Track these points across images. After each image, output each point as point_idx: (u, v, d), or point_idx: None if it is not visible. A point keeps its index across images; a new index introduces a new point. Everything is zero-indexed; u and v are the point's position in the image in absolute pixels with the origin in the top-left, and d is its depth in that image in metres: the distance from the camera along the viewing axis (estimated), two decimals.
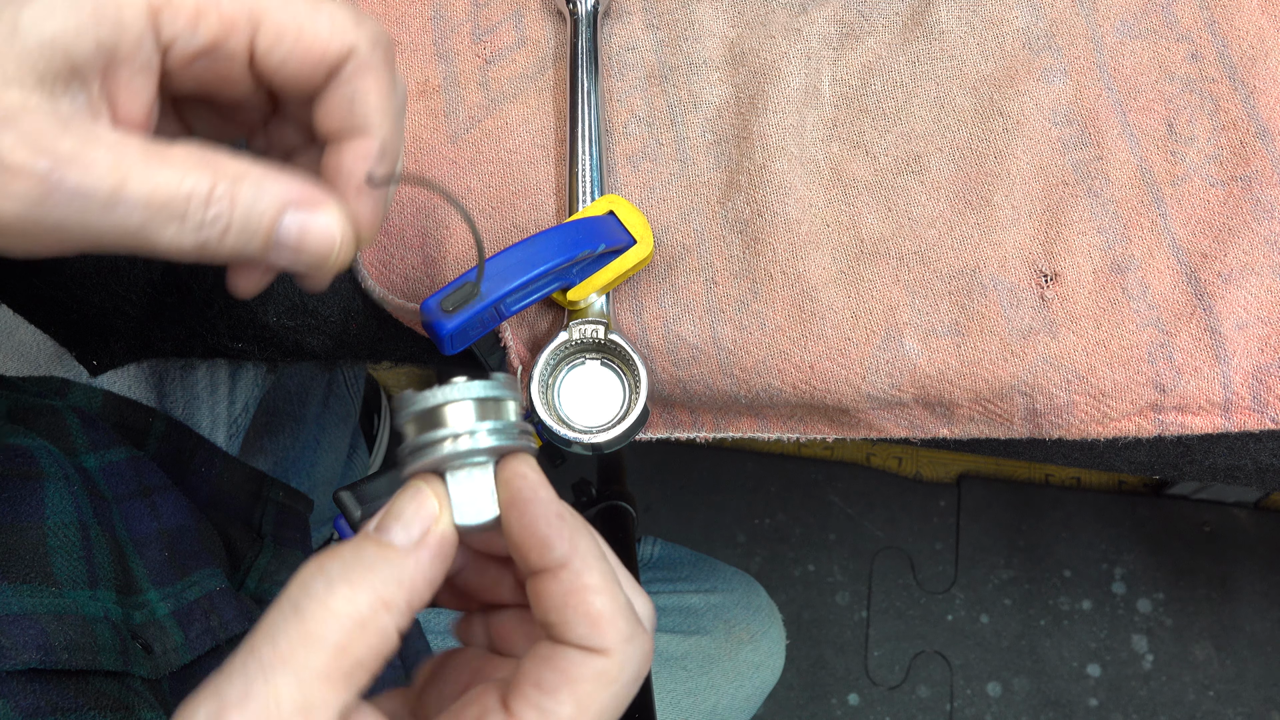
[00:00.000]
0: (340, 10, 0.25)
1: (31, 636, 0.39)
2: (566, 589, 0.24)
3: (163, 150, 0.24)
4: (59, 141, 0.22)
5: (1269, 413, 0.41)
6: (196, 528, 0.53)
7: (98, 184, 0.23)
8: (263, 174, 0.25)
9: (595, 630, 0.24)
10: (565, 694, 0.23)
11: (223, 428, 0.66)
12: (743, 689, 0.73)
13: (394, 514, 0.24)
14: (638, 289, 0.43)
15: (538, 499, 0.25)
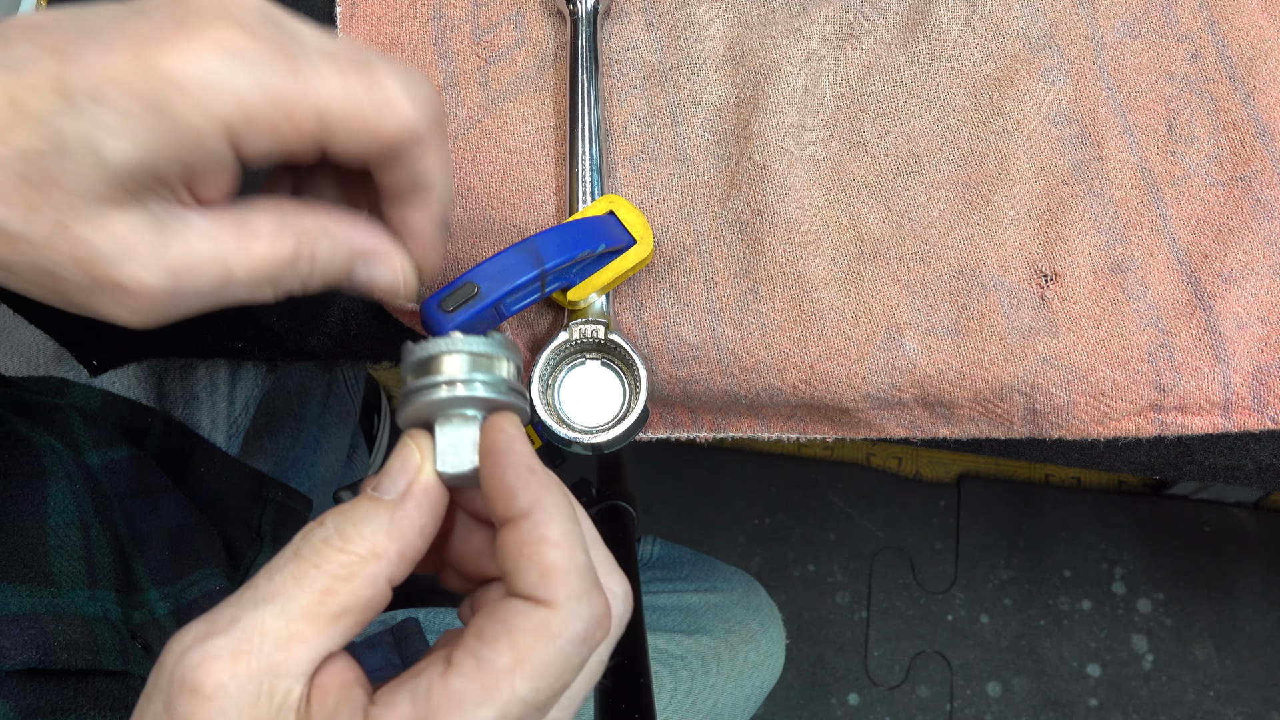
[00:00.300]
0: (398, 93, 0.26)
1: (31, 636, 0.39)
2: (524, 538, 0.25)
3: (249, 222, 0.26)
4: (171, 256, 0.25)
5: (1269, 413, 0.41)
6: (197, 527, 0.53)
7: (209, 284, 0.26)
8: (336, 228, 0.28)
9: (544, 581, 0.24)
10: (504, 644, 0.23)
11: (223, 428, 0.66)
12: (743, 688, 0.73)
13: (385, 471, 0.26)
14: (638, 289, 0.43)
15: (511, 451, 0.26)
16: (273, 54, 0.24)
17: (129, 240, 0.24)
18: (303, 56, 0.25)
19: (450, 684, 0.23)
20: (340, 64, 0.25)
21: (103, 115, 0.23)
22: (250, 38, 0.24)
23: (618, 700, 0.46)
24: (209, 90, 0.23)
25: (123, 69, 0.23)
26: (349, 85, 0.25)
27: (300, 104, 0.24)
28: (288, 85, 0.24)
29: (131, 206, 0.25)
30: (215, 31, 0.24)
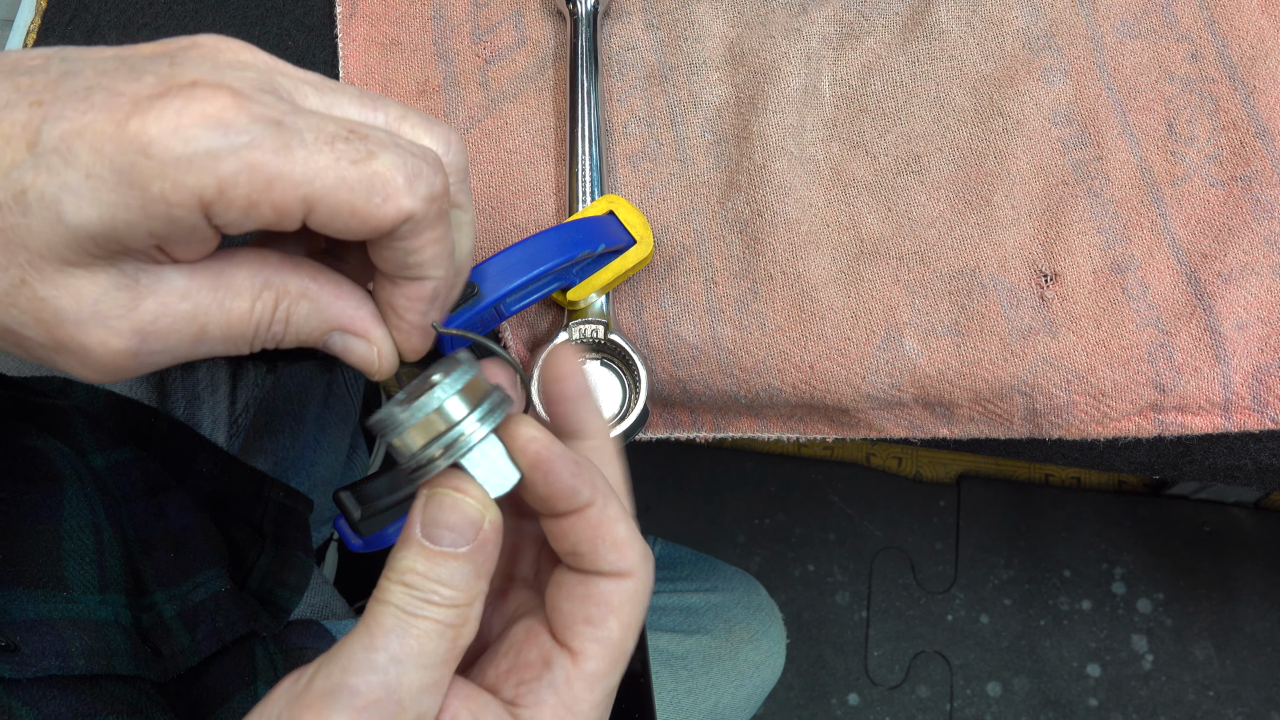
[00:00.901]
0: (394, 179, 0.24)
1: (49, 643, 0.39)
2: (594, 524, 0.27)
3: (230, 279, 0.25)
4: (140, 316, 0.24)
5: (1269, 413, 0.41)
6: (200, 528, 0.53)
7: (180, 342, 0.25)
8: (319, 294, 0.27)
9: (621, 555, 0.27)
10: (613, 621, 0.27)
11: (223, 428, 0.66)
12: (743, 688, 0.73)
13: (445, 525, 0.26)
14: (638, 289, 0.43)
15: (555, 455, 0.27)
16: (263, 128, 0.22)
17: (95, 301, 0.23)
18: (295, 132, 0.23)
19: (585, 669, 0.26)
20: (335, 142, 0.23)
21: (68, 175, 0.22)
22: (240, 108, 0.22)
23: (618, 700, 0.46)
24: (185, 164, 0.22)
25: (98, 129, 0.22)
26: (340, 169, 0.23)
27: (284, 185, 0.23)
28: (273, 165, 0.22)
29: (99, 266, 0.23)
30: (203, 99, 0.22)
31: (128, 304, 0.24)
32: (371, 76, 0.48)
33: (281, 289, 0.26)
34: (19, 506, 0.42)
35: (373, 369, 0.28)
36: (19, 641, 0.38)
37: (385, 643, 0.25)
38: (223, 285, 0.25)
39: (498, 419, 0.27)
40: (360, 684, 0.24)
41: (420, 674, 0.25)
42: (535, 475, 0.27)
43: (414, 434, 0.26)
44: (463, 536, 0.26)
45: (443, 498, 0.26)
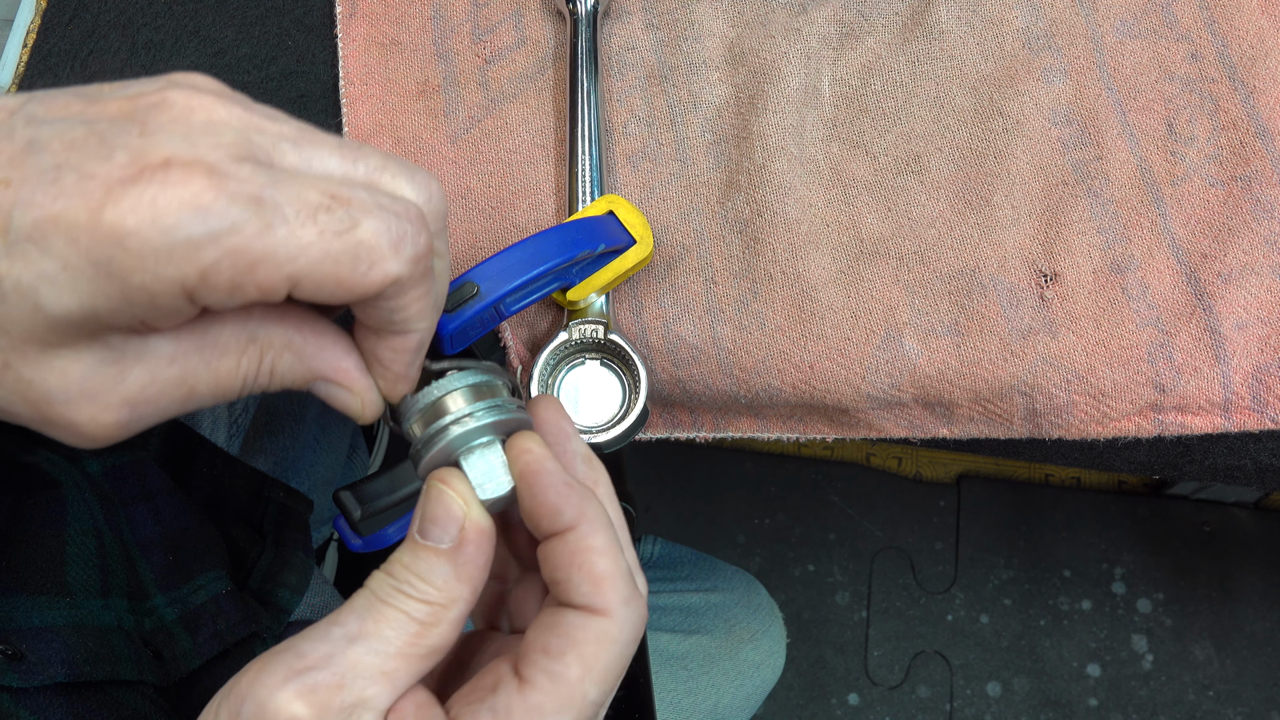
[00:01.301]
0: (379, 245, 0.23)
1: (55, 650, 0.39)
2: (573, 549, 0.26)
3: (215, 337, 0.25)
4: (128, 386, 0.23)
5: (1269, 413, 0.41)
6: (199, 530, 0.53)
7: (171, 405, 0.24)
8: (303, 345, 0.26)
9: (596, 590, 0.26)
10: (572, 656, 0.25)
11: (223, 428, 0.66)
12: (743, 688, 0.73)
13: (426, 518, 0.26)
14: (638, 289, 0.43)
15: (545, 469, 0.27)
16: (242, 209, 0.21)
17: (82, 380, 0.23)
18: (276, 208, 0.22)
19: (529, 699, 0.25)
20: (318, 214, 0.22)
21: (44, 264, 0.21)
22: (218, 189, 0.21)
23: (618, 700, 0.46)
24: (165, 256, 0.21)
25: (72, 219, 0.21)
26: (325, 243, 0.22)
27: (268, 266, 0.22)
28: (256, 248, 0.22)
29: (82, 345, 0.23)
30: (179, 182, 0.21)
31: (115, 377, 0.23)
32: (371, 76, 0.48)
33: (266, 343, 0.25)
34: (21, 512, 0.42)
35: (358, 416, 0.28)
36: (25, 649, 0.38)
37: (346, 619, 0.25)
38: (208, 345, 0.25)
39: (505, 427, 0.27)
40: (307, 649, 0.24)
41: (371, 658, 0.24)
42: (523, 486, 0.27)
43: (418, 423, 0.27)
44: (445, 532, 0.26)
45: (431, 490, 0.27)
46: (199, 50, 0.50)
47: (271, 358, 0.26)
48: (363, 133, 0.47)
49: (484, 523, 0.27)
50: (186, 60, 0.50)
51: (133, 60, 0.50)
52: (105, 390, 0.23)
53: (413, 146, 0.46)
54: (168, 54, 0.50)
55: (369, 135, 0.47)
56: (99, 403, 0.23)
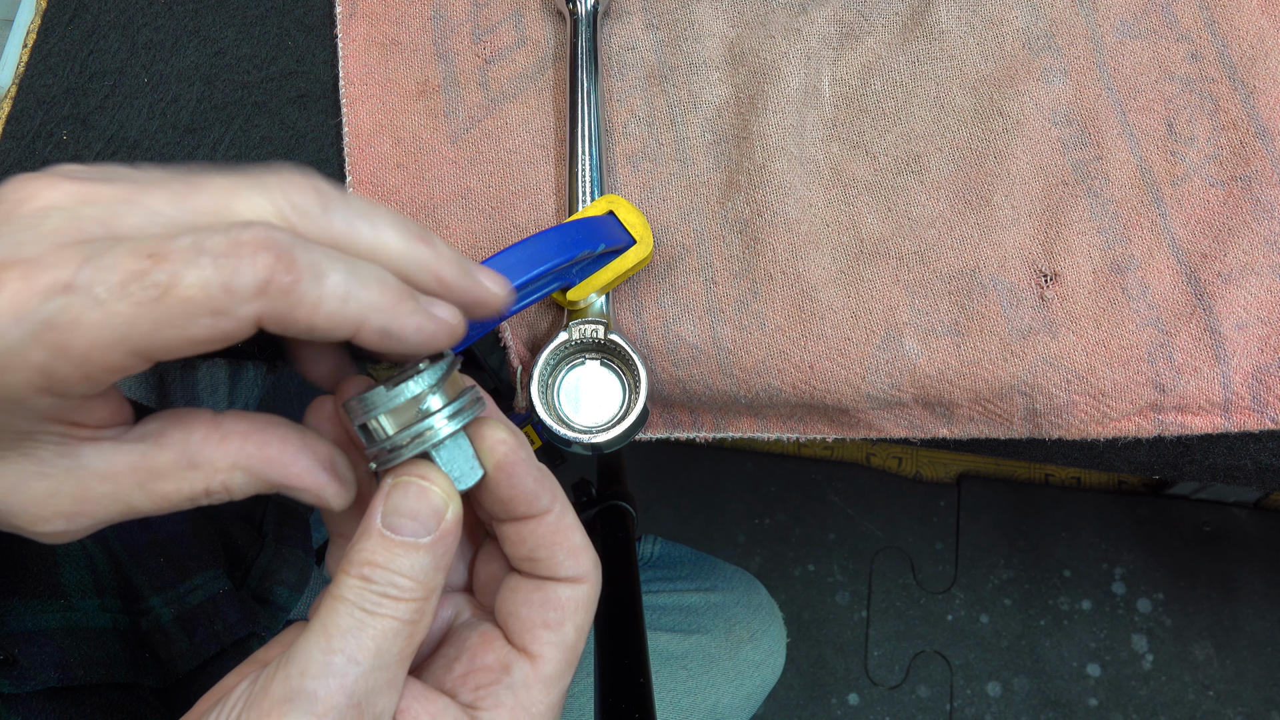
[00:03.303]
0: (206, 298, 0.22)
1: (48, 654, 0.39)
2: (553, 530, 0.28)
3: (152, 459, 0.25)
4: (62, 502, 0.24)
5: (1269, 413, 0.41)
6: (193, 531, 0.53)
7: (110, 514, 0.25)
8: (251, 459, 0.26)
9: (577, 562, 0.28)
10: (570, 625, 0.28)
11: None
12: (743, 688, 0.73)
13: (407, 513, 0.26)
14: (638, 289, 0.43)
15: (520, 460, 0.28)
16: (55, 302, 0.21)
17: (12, 491, 0.23)
18: (86, 291, 0.21)
19: (543, 670, 0.27)
20: (129, 285, 0.21)
21: None
22: (29, 287, 0.21)
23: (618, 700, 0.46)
24: (3, 362, 0.21)
25: None
26: (145, 311, 0.21)
27: (100, 351, 0.21)
28: (77, 340, 0.21)
29: (7, 460, 0.23)
30: (3, 284, 0.21)
31: (46, 491, 0.24)
32: (371, 76, 0.48)
33: (210, 467, 0.25)
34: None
35: (328, 507, 0.28)
36: (18, 655, 0.38)
37: (342, 644, 0.24)
38: (144, 468, 0.25)
39: (470, 416, 0.27)
40: (319, 688, 0.24)
41: (377, 674, 0.25)
42: (500, 476, 0.28)
43: (389, 419, 0.26)
44: (425, 526, 0.26)
45: (408, 485, 0.26)
46: (199, 50, 0.50)
47: (222, 479, 0.26)
48: (363, 133, 0.47)
49: (461, 512, 0.27)
50: (187, 60, 0.50)
51: (133, 60, 0.50)
52: (39, 504, 0.24)
53: (413, 146, 0.46)
54: (168, 54, 0.50)
55: (369, 135, 0.47)
56: (35, 513, 0.24)
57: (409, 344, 0.25)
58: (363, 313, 0.24)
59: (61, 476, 0.24)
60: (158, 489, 0.25)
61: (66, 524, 0.24)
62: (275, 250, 0.22)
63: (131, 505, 0.25)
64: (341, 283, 0.23)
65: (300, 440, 0.27)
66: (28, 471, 0.24)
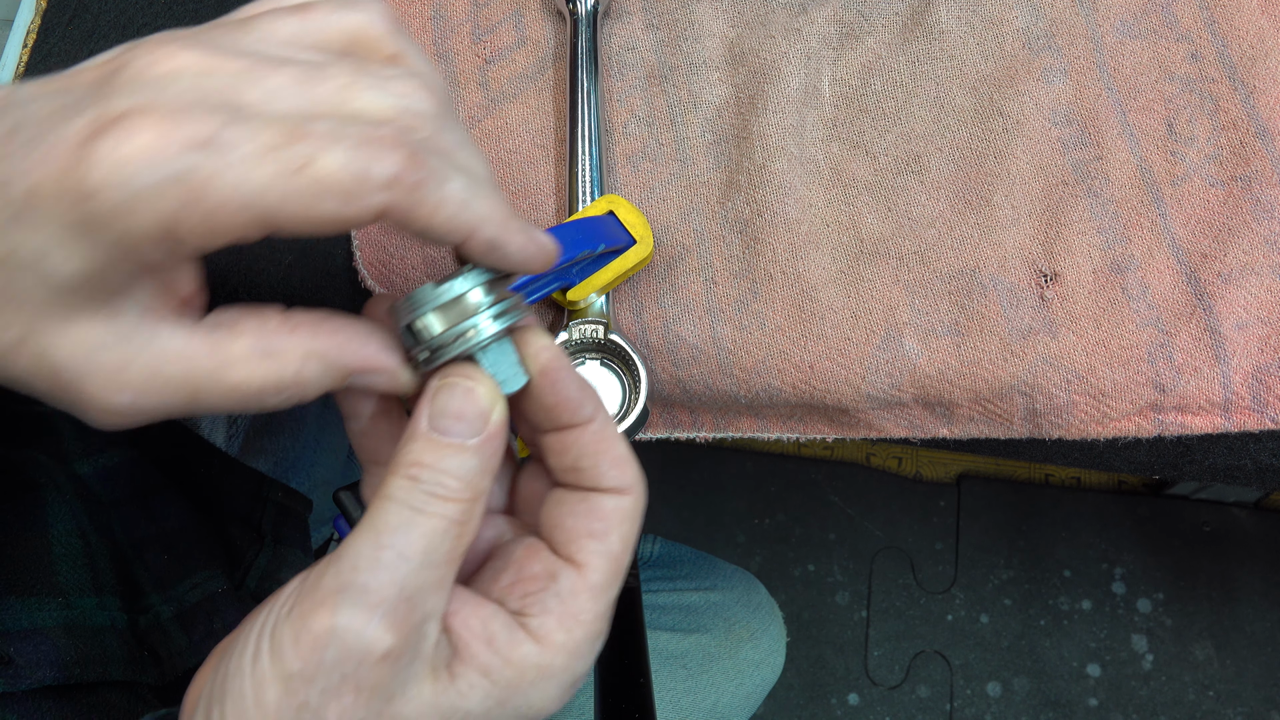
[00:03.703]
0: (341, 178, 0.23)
1: (44, 653, 0.39)
2: (596, 438, 0.29)
3: (226, 346, 0.25)
4: (132, 373, 0.24)
5: (1269, 413, 0.41)
6: (194, 529, 0.53)
7: (174, 400, 0.25)
8: (325, 348, 0.26)
9: (621, 472, 0.29)
10: (615, 535, 0.28)
11: (222, 428, 0.66)
12: (743, 687, 0.73)
13: (454, 414, 0.26)
14: (638, 289, 0.43)
15: (564, 367, 0.28)
16: (194, 154, 0.22)
17: (89, 357, 0.24)
18: (229, 149, 0.22)
19: (589, 579, 0.28)
20: (271, 152, 0.22)
21: (39, 234, 0.22)
22: (170, 131, 0.22)
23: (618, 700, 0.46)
24: (128, 209, 0.21)
25: (49, 182, 0.22)
26: (282, 182, 0.22)
27: (230, 209, 0.22)
28: (213, 193, 0.22)
29: (95, 318, 0.23)
30: (131, 133, 0.21)
31: (120, 362, 0.24)
32: None
33: (284, 356, 0.26)
34: (2, 516, 0.42)
35: (397, 392, 0.29)
36: (13, 653, 0.38)
37: (392, 540, 0.25)
38: (218, 351, 0.25)
39: (514, 319, 0.28)
40: (371, 581, 0.24)
41: (427, 572, 0.25)
42: (544, 382, 0.28)
43: (436, 316, 0.27)
44: (472, 428, 0.26)
45: (455, 387, 0.27)
46: None
47: (295, 369, 0.26)
48: None
49: (506, 415, 0.28)
50: None
51: None
52: (111, 372, 0.24)
53: None
54: None
55: None
56: (103, 383, 0.24)
57: (511, 259, 0.26)
58: (476, 221, 0.25)
59: (137, 349, 0.24)
60: (228, 377, 0.25)
61: (134, 398, 0.24)
62: (408, 149, 0.23)
63: (198, 393, 0.25)
64: (461, 190, 0.24)
65: (366, 327, 0.28)
66: (105, 338, 0.24)
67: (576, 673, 0.28)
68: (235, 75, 0.24)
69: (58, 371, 0.24)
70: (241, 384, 0.25)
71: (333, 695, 0.24)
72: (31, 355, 0.23)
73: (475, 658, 0.26)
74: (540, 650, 0.27)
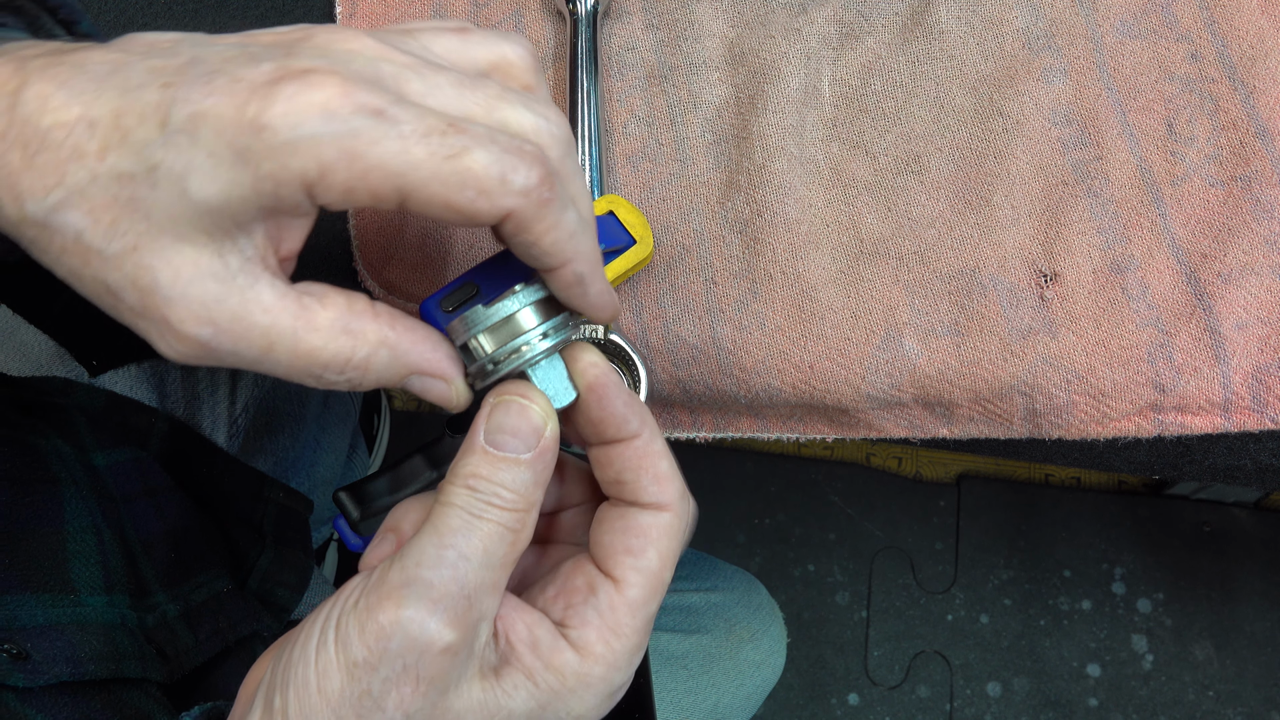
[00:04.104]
0: (487, 174, 0.25)
1: (60, 649, 0.39)
2: (639, 454, 0.30)
3: (312, 313, 0.26)
4: (220, 310, 0.25)
5: (1269, 413, 0.41)
6: (200, 529, 0.53)
7: (248, 349, 0.26)
8: (397, 341, 0.28)
9: (661, 489, 0.29)
10: (652, 552, 0.29)
11: (223, 427, 0.66)
12: (744, 687, 0.73)
13: (509, 430, 0.28)
14: (638, 289, 0.44)
15: (612, 383, 0.30)
16: (364, 118, 0.24)
17: (188, 282, 0.25)
18: (395, 123, 0.24)
19: (627, 595, 0.29)
20: (431, 136, 0.24)
21: (194, 154, 0.24)
22: (346, 97, 0.24)
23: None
24: (291, 148, 0.24)
25: (219, 112, 0.24)
26: (434, 164, 0.24)
27: (380, 174, 0.24)
28: (371, 154, 0.24)
29: (205, 249, 0.25)
30: (314, 86, 0.24)
31: (215, 297, 0.25)
32: None
33: (361, 337, 0.27)
34: (19, 510, 0.42)
35: (451, 405, 0.30)
36: (30, 649, 0.38)
37: (453, 541, 0.26)
38: (303, 315, 0.26)
39: (562, 336, 0.29)
40: (434, 577, 0.26)
41: (484, 573, 0.26)
42: (591, 398, 0.29)
43: (488, 336, 0.29)
44: (525, 443, 0.28)
45: (509, 404, 0.28)
46: None
47: (366, 353, 0.27)
48: None
49: (558, 430, 0.29)
50: None
51: None
52: (201, 303, 0.25)
53: None
54: None
55: None
56: (191, 310, 0.25)
57: (587, 300, 0.29)
58: (575, 255, 0.27)
59: (234, 290, 0.25)
60: (305, 342, 0.26)
61: (213, 335, 0.25)
62: (545, 168, 0.26)
63: (271, 349, 0.26)
64: (574, 221, 0.27)
65: (437, 336, 0.29)
66: (209, 270, 0.25)
67: (615, 684, 0.29)
68: (404, 67, 0.26)
69: (152, 289, 0.25)
70: (314, 351, 0.26)
71: (393, 684, 0.25)
72: (133, 266, 0.24)
73: (521, 660, 0.27)
74: (580, 659, 0.28)
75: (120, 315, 0.26)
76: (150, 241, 0.24)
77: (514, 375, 0.29)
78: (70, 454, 0.47)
